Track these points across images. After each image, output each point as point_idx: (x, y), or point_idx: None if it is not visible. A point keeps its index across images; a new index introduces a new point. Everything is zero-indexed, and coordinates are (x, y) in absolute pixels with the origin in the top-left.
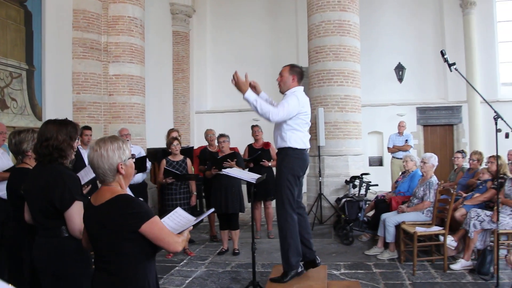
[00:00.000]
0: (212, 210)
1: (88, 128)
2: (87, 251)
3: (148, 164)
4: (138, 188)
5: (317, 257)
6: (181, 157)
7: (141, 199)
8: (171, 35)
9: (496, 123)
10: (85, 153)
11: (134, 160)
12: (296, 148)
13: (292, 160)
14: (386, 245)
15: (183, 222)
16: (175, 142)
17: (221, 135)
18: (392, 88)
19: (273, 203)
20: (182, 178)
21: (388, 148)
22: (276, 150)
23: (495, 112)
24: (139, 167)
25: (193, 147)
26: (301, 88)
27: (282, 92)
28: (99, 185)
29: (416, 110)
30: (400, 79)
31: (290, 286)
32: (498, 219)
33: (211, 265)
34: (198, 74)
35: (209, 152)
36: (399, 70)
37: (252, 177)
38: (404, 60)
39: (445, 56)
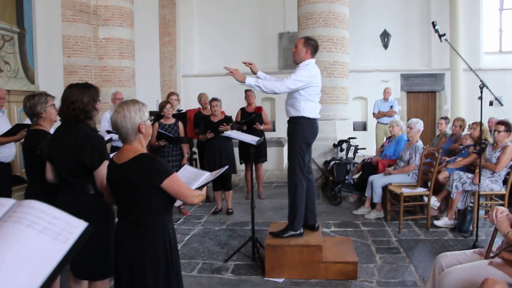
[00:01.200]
0: (227, 167)
1: None
2: (111, 205)
3: None
4: None
5: (317, 221)
6: (173, 120)
7: None
8: None
9: (481, 92)
10: None
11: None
12: (309, 118)
13: (305, 129)
14: (372, 205)
15: (193, 176)
16: (168, 105)
17: (213, 99)
18: (377, 54)
19: (264, 165)
20: (175, 141)
21: (374, 113)
22: (288, 118)
23: (481, 81)
24: None
25: (185, 112)
26: (313, 60)
27: (296, 63)
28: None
29: (400, 77)
30: (385, 46)
31: (288, 241)
32: (480, 181)
33: (207, 223)
34: (184, 38)
35: (203, 116)
36: (385, 37)
37: (253, 139)
38: (390, 27)
39: (436, 27)
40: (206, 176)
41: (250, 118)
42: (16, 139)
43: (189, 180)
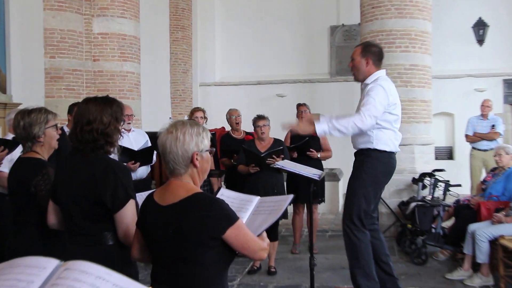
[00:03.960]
0: (292, 197)
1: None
2: (135, 263)
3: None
4: (141, 186)
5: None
6: None
7: None
8: None
9: None
10: None
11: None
12: (384, 151)
13: (376, 165)
14: (475, 267)
15: (237, 204)
16: None
17: (259, 117)
18: (468, 53)
19: (320, 207)
20: None
21: (467, 135)
22: (355, 150)
23: None
24: (145, 159)
25: (215, 133)
26: (383, 72)
27: (359, 80)
28: None
29: (503, 84)
30: (480, 41)
31: None
32: None
33: (243, 287)
34: (203, 34)
35: (232, 139)
36: (479, 28)
37: (314, 172)
38: (487, 14)
39: None
40: (255, 202)
41: (303, 142)
42: None
43: (237, 210)
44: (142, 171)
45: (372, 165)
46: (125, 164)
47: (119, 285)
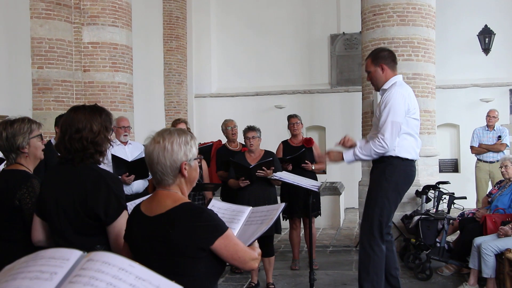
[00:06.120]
0: (284, 205)
1: None
2: None
3: None
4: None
5: None
6: None
7: None
8: None
9: None
10: None
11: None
12: (406, 159)
13: (399, 173)
14: (481, 282)
15: (228, 215)
16: None
17: (250, 129)
18: (473, 62)
19: (317, 221)
20: (198, 188)
21: (472, 147)
22: (375, 157)
23: None
24: (141, 171)
25: (211, 145)
26: (400, 77)
27: (378, 89)
28: None
29: (510, 94)
30: (486, 50)
31: None
32: None
33: None
34: (198, 43)
35: (228, 151)
36: (485, 36)
37: (314, 184)
38: (493, 22)
39: None
40: (247, 213)
41: (299, 153)
42: None
43: (228, 221)
44: (138, 186)
45: (394, 173)
46: (119, 177)
47: (141, 277)
